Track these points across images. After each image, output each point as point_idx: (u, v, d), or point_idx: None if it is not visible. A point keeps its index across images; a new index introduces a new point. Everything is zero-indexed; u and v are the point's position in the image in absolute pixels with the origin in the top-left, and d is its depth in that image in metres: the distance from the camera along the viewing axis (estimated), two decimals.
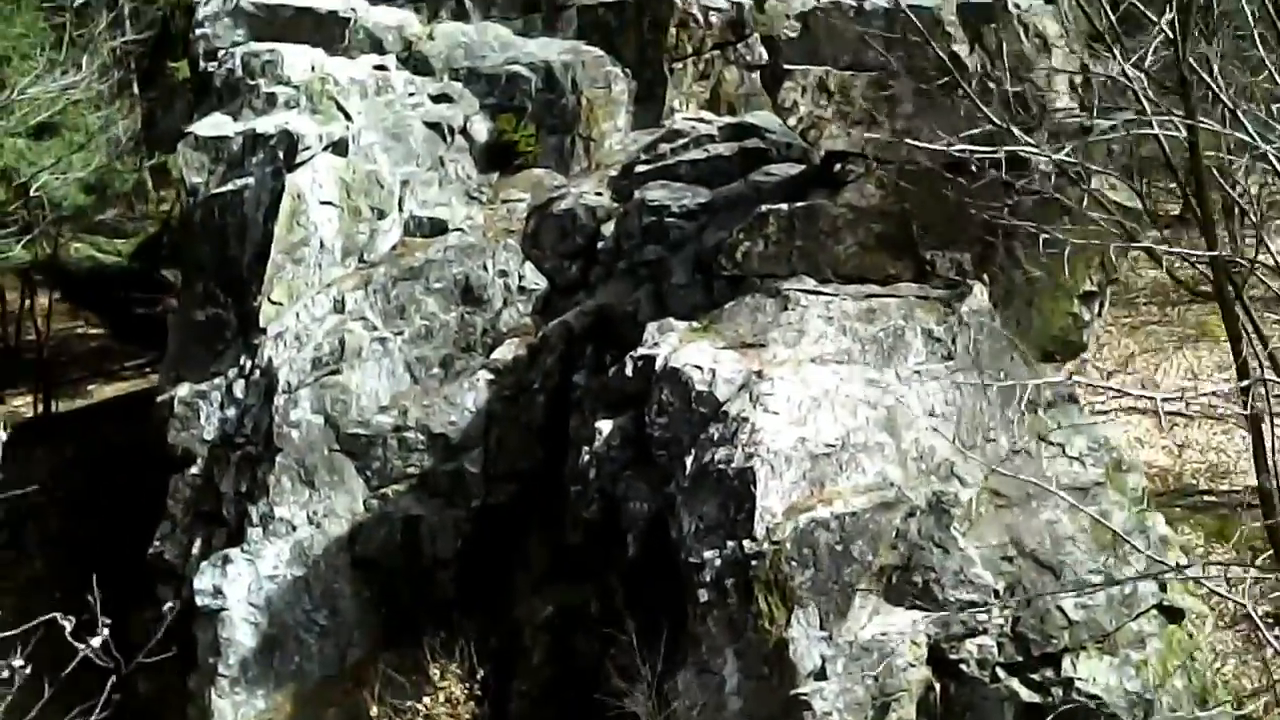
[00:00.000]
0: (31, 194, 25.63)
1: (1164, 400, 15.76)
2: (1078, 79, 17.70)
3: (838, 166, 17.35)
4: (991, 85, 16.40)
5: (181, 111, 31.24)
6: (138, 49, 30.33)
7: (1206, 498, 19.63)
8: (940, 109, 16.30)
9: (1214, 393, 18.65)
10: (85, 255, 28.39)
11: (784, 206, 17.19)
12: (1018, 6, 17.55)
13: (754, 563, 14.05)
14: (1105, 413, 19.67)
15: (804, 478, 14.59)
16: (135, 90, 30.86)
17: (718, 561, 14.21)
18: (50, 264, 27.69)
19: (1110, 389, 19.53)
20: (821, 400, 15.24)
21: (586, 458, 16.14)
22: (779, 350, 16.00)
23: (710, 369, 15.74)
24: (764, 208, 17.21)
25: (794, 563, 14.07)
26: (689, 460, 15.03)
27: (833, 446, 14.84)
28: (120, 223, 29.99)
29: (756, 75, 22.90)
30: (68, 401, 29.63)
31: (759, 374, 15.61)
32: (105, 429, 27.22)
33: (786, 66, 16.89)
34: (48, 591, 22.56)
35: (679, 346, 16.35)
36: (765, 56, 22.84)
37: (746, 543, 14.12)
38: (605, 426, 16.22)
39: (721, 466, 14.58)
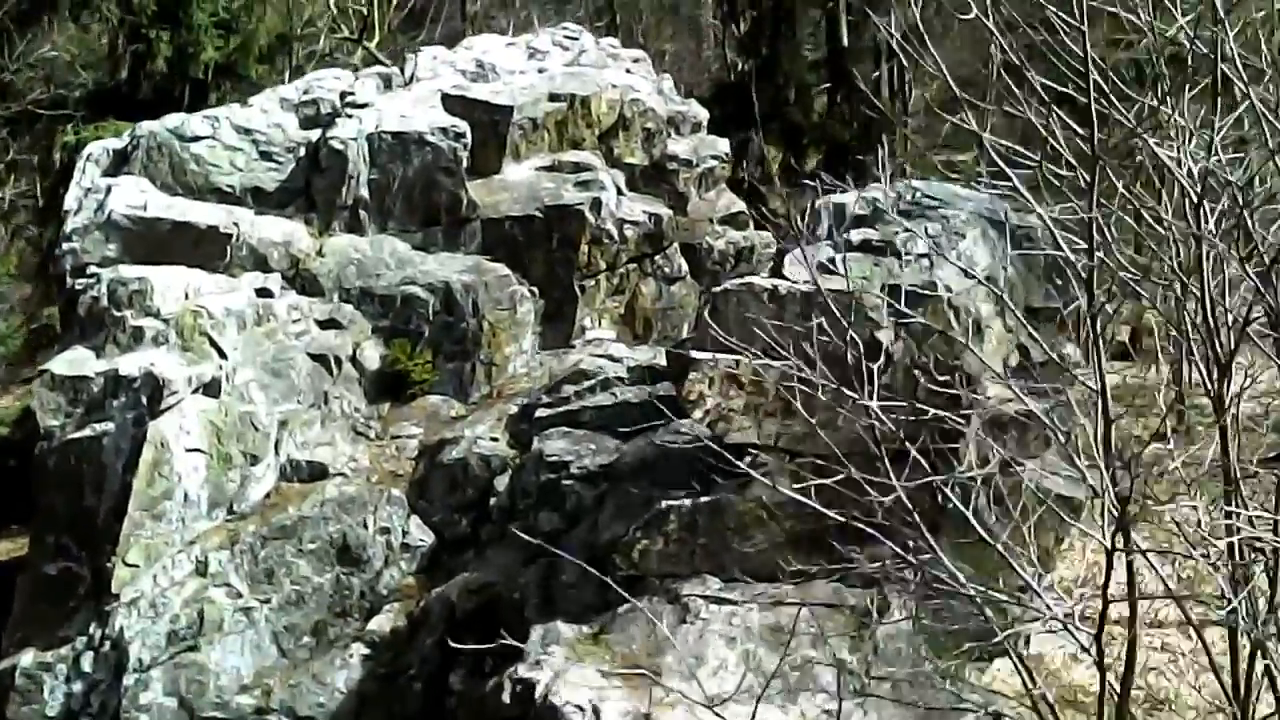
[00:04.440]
0: None
1: None
2: (1013, 360, 16.23)
3: (747, 459, 15.74)
4: (917, 373, 14.95)
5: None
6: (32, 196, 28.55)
7: None
8: (860, 399, 14.90)
9: None
10: None
11: (686, 503, 15.61)
12: (949, 289, 16.04)
13: None
14: None
15: None
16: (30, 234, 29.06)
17: None
18: None
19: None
20: None
21: None
22: (674, 683, 14.34)
23: (592, 714, 14.13)
24: (664, 504, 15.62)
25: None
26: None
27: None
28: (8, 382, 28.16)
29: (675, 287, 21.50)
30: None
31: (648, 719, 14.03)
32: None
33: (694, 355, 15.31)
34: None
35: (563, 669, 14.75)
36: (685, 268, 21.43)
37: None
38: None
39: None
